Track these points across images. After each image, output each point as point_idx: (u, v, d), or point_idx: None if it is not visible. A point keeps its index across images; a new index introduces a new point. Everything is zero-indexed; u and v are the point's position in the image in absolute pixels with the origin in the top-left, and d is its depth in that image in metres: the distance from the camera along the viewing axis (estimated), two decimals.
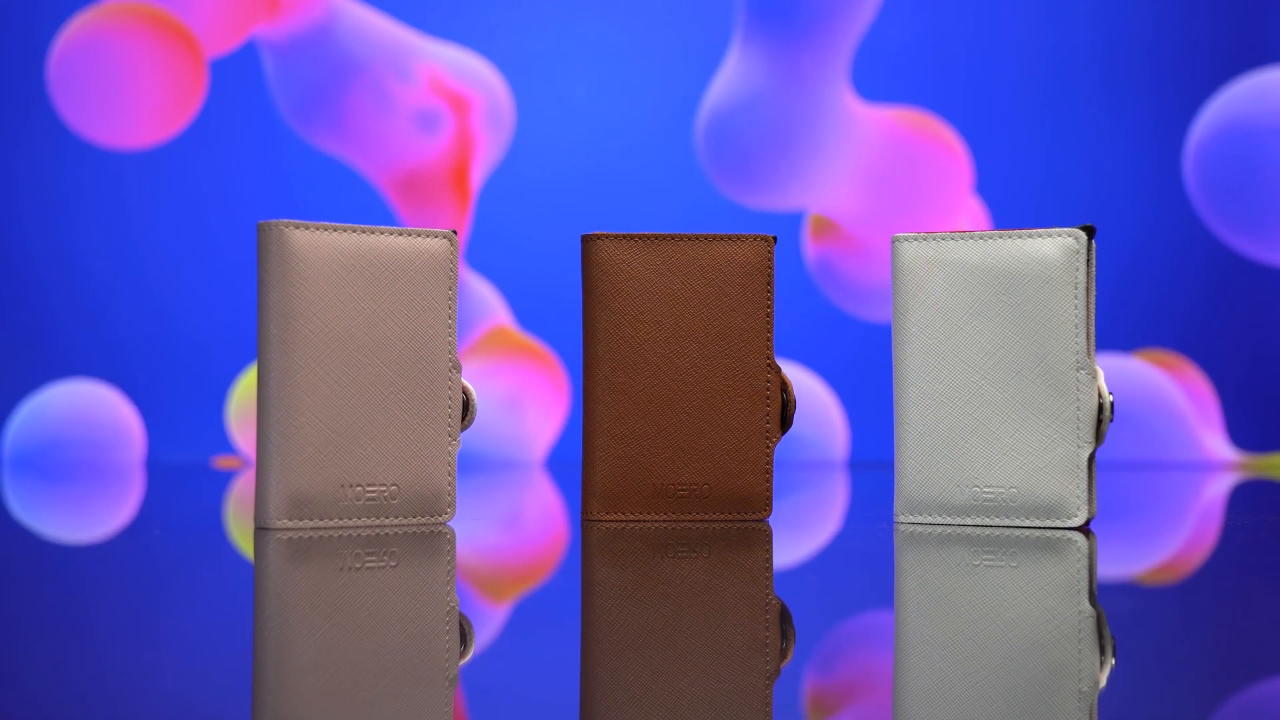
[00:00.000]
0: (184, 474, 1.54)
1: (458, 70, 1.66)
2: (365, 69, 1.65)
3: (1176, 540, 1.01)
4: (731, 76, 1.66)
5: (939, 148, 1.68)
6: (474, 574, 0.79)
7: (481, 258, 1.66)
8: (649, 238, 0.95)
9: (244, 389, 1.65)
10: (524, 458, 1.66)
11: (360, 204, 1.67)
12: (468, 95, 1.65)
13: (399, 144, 1.65)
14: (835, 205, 1.68)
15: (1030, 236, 0.91)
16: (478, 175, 1.67)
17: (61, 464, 1.64)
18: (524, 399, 1.64)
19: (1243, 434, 1.69)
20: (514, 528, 1.09)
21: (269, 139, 1.67)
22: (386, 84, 1.66)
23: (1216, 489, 1.42)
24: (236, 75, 1.67)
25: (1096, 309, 0.96)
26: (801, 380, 1.66)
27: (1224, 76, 1.70)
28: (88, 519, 1.16)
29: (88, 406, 1.64)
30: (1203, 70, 1.71)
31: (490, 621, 0.66)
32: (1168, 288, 1.71)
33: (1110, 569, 0.81)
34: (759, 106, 1.66)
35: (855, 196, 1.66)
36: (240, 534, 0.97)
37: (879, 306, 1.69)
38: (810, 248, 1.68)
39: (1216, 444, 1.67)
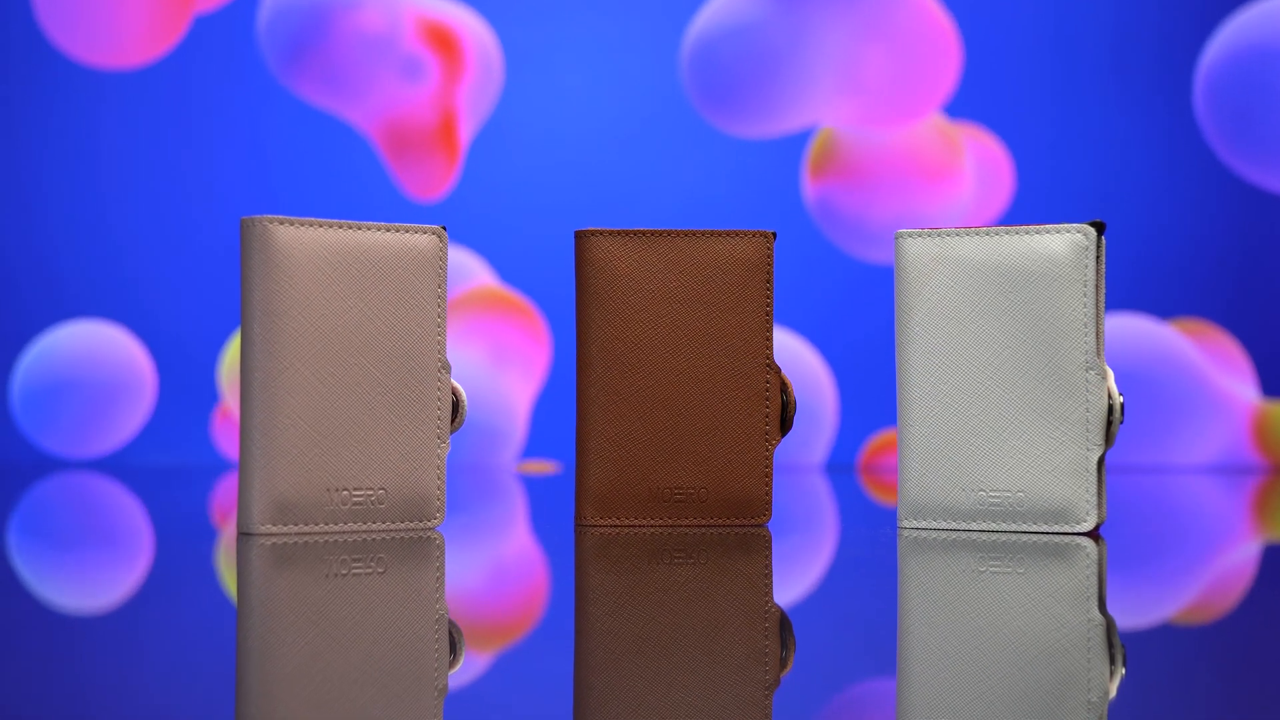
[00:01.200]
0: (172, 476, 1.54)
1: (444, 15, 1.67)
2: (352, 9, 1.65)
3: (1191, 546, 1.01)
4: (718, 7, 1.67)
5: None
6: (465, 581, 0.79)
7: (468, 224, 1.65)
8: (645, 234, 0.95)
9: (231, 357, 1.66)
10: (508, 418, 1.66)
11: (343, 152, 1.66)
12: (457, 40, 1.66)
13: (385, 93, 1.65)
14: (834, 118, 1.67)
15: (1038, 233, 0.91)
16: (466, 130, 1.67)
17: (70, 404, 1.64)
18: (506, 354, 1.65)
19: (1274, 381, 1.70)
20: (506, 531, 1.08)
21: (252, 86, 1.68)
22: (371, 29, 1.66)
23: (1234, 490, 1.42)
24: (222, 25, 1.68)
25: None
26: (798, 351, 1.66)
27: (1229, 7, 1.70)
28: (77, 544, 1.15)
29: (92, 345, 1.65)
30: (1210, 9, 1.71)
31: (481, 630, 0.66)
32: (1192, 253, 1.71)
33: (1121, 576, 0.81)
34: (747, 34, 1.65)
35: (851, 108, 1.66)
36: (224, 539, 0.97)
37: (881, 247, 1.67)
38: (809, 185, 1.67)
39: (1246, 391, 1.67)
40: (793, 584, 0.79)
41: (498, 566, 0.90)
